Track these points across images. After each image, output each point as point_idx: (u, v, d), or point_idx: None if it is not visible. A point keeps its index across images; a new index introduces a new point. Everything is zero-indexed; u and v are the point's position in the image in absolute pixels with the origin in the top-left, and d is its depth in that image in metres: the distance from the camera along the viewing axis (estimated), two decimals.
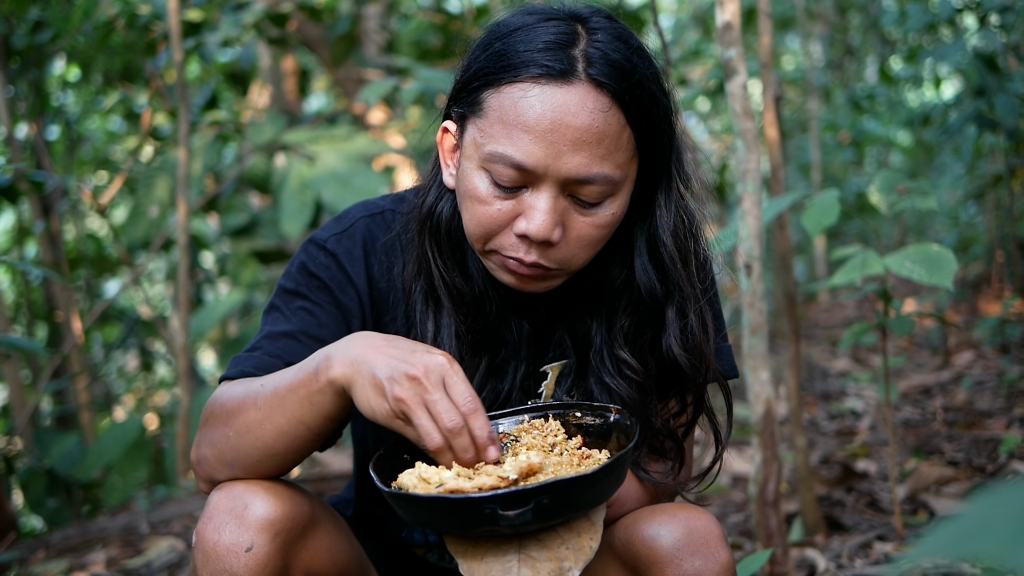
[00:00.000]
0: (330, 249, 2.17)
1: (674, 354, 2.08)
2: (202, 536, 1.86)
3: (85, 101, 9.84)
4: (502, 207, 1.95)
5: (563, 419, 2.01)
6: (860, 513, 4.02)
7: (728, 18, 3.38)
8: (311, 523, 1.95)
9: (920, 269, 3.30)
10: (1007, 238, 7.80)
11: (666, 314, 2.09)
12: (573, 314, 2.19)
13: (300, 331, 2.09)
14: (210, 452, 1.96)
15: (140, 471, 5.22)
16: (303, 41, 7.14)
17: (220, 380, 2.10)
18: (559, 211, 1.93)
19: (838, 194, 3.69)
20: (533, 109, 1.89)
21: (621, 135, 1.93)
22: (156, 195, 5.90)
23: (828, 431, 5.38)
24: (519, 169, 1.90)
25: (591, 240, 1.99)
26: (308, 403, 1.85)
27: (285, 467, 1.95)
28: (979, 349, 6.53)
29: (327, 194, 5.11)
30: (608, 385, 2.11)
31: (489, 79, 1.96)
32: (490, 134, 1.93)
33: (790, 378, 3.88)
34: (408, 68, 5.58)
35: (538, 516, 1.68)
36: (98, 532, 4.60)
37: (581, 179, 1.91)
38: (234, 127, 6.23)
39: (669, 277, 2.08)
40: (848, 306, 9.79)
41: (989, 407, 5.23)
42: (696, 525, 1.95)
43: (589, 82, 1.90)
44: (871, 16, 13.03)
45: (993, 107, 6.75)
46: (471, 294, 2.12)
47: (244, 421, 1.91)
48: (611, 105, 1.91)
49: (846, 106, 12.14)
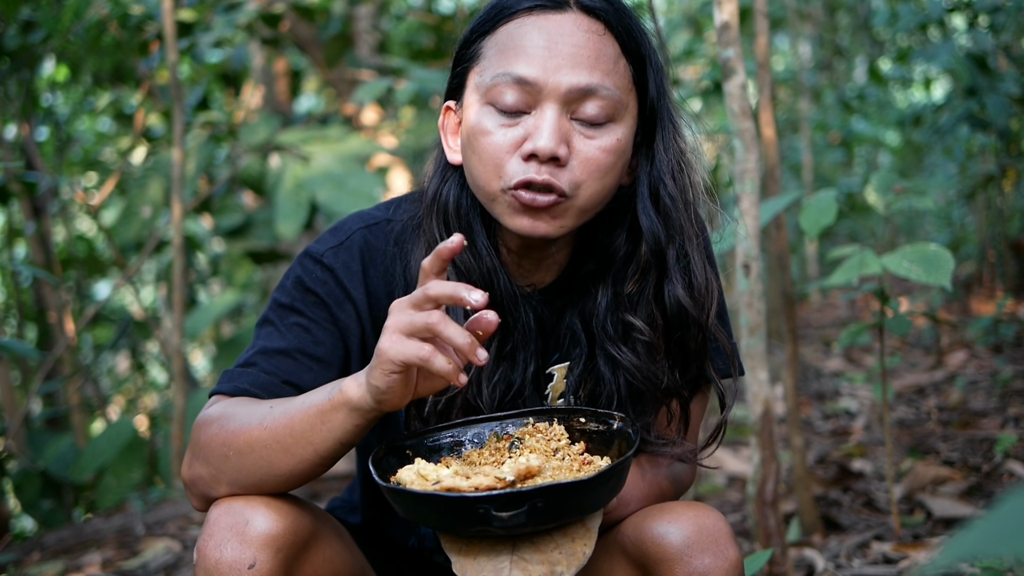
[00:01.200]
0: (327, 263, 2.14)
1: (678, 296, 2.08)
2: (204, 553, 1.84)
3: (74, 102, 9.80)
4: (507, 134, 1.97)
5: (567, 424, 2.01)
6: (857, 513, 4.02)
7: (726, 18, 3.38)
8: (313, 536, 1.94)
9: (918, 268, 3.31)
10: (998, 237, 7.83)
11: (667, 258, 2.09)
12: (581, 297, 2.19)
13: (296, 349, 2.07)
14: (205, 471, 1.93)
15: (134, 472, 5.21)
16: (295, 41, 7.13)
17: (211, 394, 2.07)
18: (564, 129, 1.96)
19: (835, 194, 3.70)
20: (529, 34, 1.97)
21: (618, 62, 1.99)
22: (149, 195, 5.89)
23: (823, 431, 5.39)
24: (520, 83, 1.94)
25: (598, 165, 1.99)
26: (320, 423, 1.83)
27: (286, 488, 1.93)
28: (972, 349, 6.55)
29: (322, 195, 5.10)
30: (614, 357, 2.11)
31: (485, 27, 2.03)
32: (489, 67, 1.99)
33: (787, 378, 3.88)
34: (402, 68, 5.57)
35: (532, 519, 1.69)
36: (93, 534, 4.59)
37: (582, 89, 1.94)
38: (227, 127, 6.22)
39: (670, 220, 2.09)
40: (840, 306, 9.81)
41: (983, 407, 5.24)
42: (705, 523, 1.95)
43: (581, 10, 1.99)
44: (860, 16, 13.07)
45: (984, 107, 6.78)
46: (478, 270, 2.11)
47: (247, 441, 1.88)
48: (605, 30, 1.99)
49: (836, 106, 12.16)
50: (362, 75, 6.95)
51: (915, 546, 3.54)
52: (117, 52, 6.99)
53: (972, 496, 3.98)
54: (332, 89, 8.45)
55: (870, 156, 15.73)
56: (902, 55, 10.36)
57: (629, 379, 2.11)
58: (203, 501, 1.97)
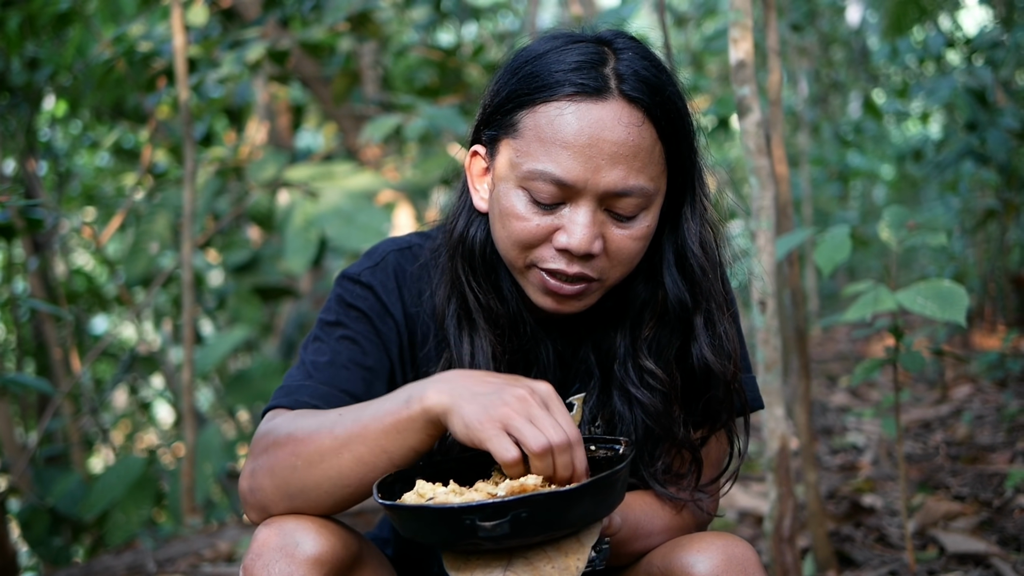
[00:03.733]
0: (365, 281, 2.20)
1: (707, 360, 2.12)
2: (250, 573, 1.86)
3: (74, 137, 9.82)
4: (541, 223, 1.99)
5: None
6: (870, 548, 4.02)
7: (742, 56, 3.40)
8: (357, 561, 1.97)
9: (932, 305, 3.32)
10: (999, 271, 7.85)
11: (695, 323, 2.13)
12: (597, 332, 2.22)
13: (347, 360, 2.11)
14: (268, 482, 1.94)
15: (143, 509, 5.19)
16: (299, 78, 7.16)
17: (266, 410, 2.10)
18: (598, 224, 1.98)
19: (848, 230, 3.72)
20: (571, 126, 1.95)
21: (654, 149, 1.99)
22: (156, 231, 5.90)
23: (831, 466, 5.39)
24: (559, 185, 1.95)
25: (628, 253, 2.03)
26: (395, 432, 1.85)
27: (351, 502, 1.94)
28: (977, 383, 6.55)
29: (331, 231, 5.12)
30: (632, 395, 2.15)
31: (523, 100, 2.02)
32: (527, 152, 1.98)
33: (800, 413, 3.89)
34: (411, 105, 5.59)
35: (516, 530, 1.72)
36: (103, 571, 4.57)
37: (619, 192, 1.96)
38: (234, 163, 6.24)
39: (698, 286, 2.13)
40: (840, 340, 9.80)
41: (991, 441, 5.24)
42: (734, 552, 1.98)
43: (622, 98, 1.97)
44: (854, 51, 13.13)
45: (984, 142, 6.81)
46: (506, 315, 2.15)
47: (317, 450, 1.89)
48: (644, 120, 1.98)
49: (833, 140, 12.20)
50: (365, 111, 6.98)
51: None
52: (121, 88, 7.01)
53: (984, 531, 3.98)
54: (333, 125, 8.47)
55: (865, 190, 15.78)
56: (902, 90, 10.41)
57: (645, 419, 2.13)
58: (261, 514, 1.98)
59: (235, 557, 4.61)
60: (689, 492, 2.20)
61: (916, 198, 14.67)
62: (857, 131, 12.30)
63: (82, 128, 9.43)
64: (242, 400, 6.22)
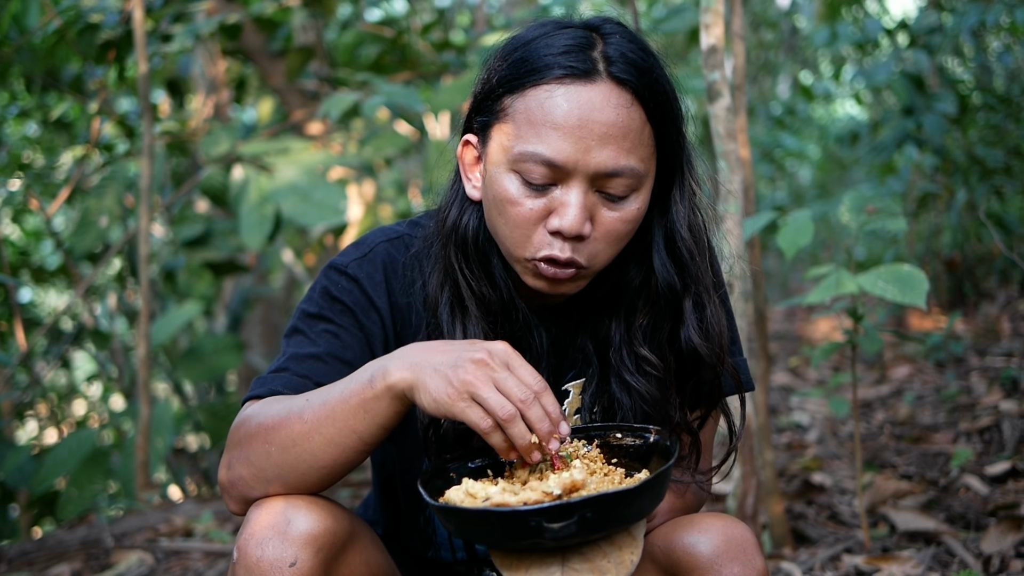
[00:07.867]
0: (351, 274, 2.21)
1: (694, 344, 2.15)
2: (244, 552, 1.88)
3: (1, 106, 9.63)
4: (533, 205, 2.02)
5: (603, 439, 2.07)
6: (823, 525, 4.10)
7: (713, 41, 3.45)
8: (351, 538, 1.99)
9: (893, 288, 3.39)
10: (932, 255, 8.00)
11: (683, 306, 2.16)
12: (592, 319, 2.25)
13: (326, 353, 2.12)
14: (246, 471, 1.97)
15: (96, 483, 5.15)
16: (245, 52, 7.10)
17: (244, 400, 2.11)
18: (589, 206, 2.01)
19: (810, 214, 3.79)
20: (560, 108, 1.98)
21: (643, 130, 2.02)
22: (105, 205, 5.84)
23: (778, 444, 5.48)
24: (550, 166, 1.98)
25: (618, 235, 2.06)
26: (362, 411, 1.88)
27: (329, 481, 1.97)
28: (916, 363, 6.68)
29: (287, 207, 5.10)
30: (629, 383, 2.18)
31: (513, 85, 2.04)
32: (518, 135, 2.01)
33: (758, 393, 3.95)
34: (366, 81, 5.57)
35: (582, 529, 1.74)
36: (57, 545, 4.54)
37: (609, 172, 1.99)
38: (184, 137, 6.19)
39: (687, 270, 2.16)
40: (776, 320, 9.92)
41: (932, 421, 5.35)
42: (733, 533, 2.03)
43: (611, 80, 2.00)
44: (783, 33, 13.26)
45: (921, 126, 6.93)
46: (498, 302, 2.17)
47: (288, 435, 1.92)
48: (633, 101, 2.01)
49: (765, 121, 12.32)
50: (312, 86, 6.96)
51: (885, 559, 3.62)
52: (67, 58, 6.91)
53: (932, 509, 4.07)
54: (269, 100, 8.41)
55: (791, 170, 15.92)
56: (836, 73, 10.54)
57: (643, 405, 2.17)
58: (242, 504, 2.01)
59: (192, 532, 4.60)
60: (690, 474, 2.25)
61: (842, 180, 14.84)
62: (790, 112, 12.44)
63: (9, 98, 9.26)
64: (192, 376, 6.18)
